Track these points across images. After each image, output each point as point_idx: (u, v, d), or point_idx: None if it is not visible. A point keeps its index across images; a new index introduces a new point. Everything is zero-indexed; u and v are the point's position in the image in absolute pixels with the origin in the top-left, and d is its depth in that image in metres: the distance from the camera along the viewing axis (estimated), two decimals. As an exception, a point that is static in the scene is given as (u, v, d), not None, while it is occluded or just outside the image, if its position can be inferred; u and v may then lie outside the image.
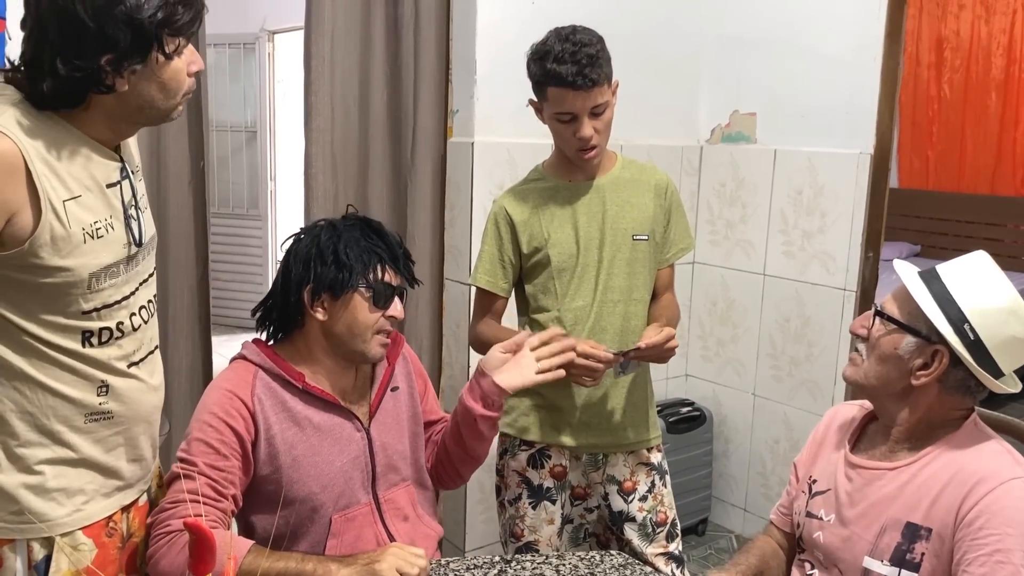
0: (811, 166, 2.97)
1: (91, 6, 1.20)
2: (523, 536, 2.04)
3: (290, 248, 1.63)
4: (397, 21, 2.70)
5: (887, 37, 2.75)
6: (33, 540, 1.33)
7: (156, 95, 1.31)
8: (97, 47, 1.22)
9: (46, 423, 1.32)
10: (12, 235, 1.22)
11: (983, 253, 1.41)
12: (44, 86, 1.24)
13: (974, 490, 1.31)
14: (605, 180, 2.00)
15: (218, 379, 1.59)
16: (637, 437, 2.05)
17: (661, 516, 2.06)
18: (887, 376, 1.43)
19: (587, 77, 1.79)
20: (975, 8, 5.57)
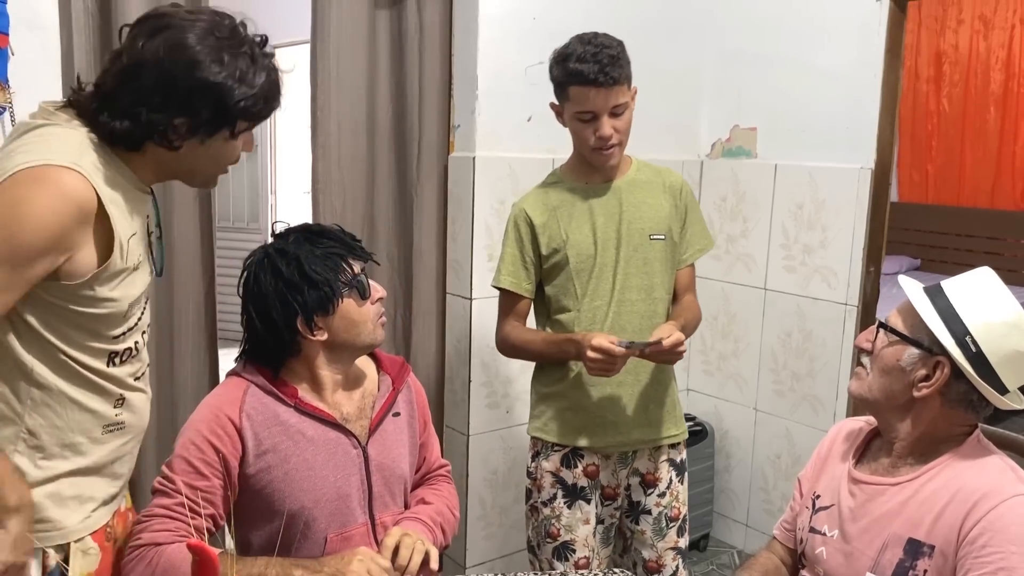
0: (812, 181, 2.98)
1: (187, 72, 1.27)
2: (559, 536, 2.08)
3: (250, 290, 1.56)
4: (402, 37, 2.71)
5: (887, 52, 2.76)
6: (48, 547, 1.38)
7: (207, 164, 1.41)
8: (178, 108, 1.29)
9: (70, 436, 1.38)
10: (71, 270, 1.27)
11: (988, 269, 1.42)
12: (117, 125, 1.29)
13: (977, 507, 1.31)
14: (621, 182, 2.06)
15: (209, 396, 1.60)
16: (664, 433, 2.12)
17: (675, 511, 2.15)
18: (890, 388, 1.43)
19: (608, 75, 1.87)
20: (973, 23, 5.59)
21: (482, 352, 2.86)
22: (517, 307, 2.09)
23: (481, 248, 2.79)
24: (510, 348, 2.10)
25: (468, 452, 2.90)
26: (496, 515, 3.00)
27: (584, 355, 1.87)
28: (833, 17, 2.89)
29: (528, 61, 2.80)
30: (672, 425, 2.13)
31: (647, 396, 2.08)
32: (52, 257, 1.25)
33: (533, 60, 2.80)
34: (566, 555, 2.09)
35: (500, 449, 2.97)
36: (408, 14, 2.69)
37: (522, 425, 2.76)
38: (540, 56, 2.80)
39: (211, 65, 1.29)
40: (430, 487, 1.80)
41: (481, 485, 2.95)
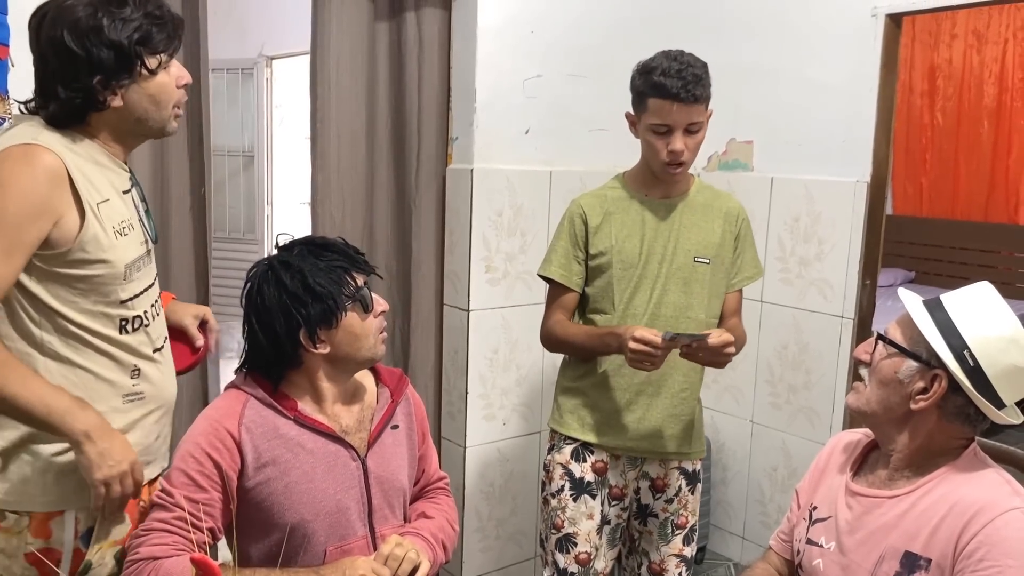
0: (808, 194, 2.99)
1: (77, 35, 1.41)
2: (563, 528, 2.12)
3: (253, 303, 1.56)
4: (401, 48, 2.72)
5: (883, 66, 2.78)
6: (79, 512, 1.50)
7: (149, 107, 1.50)
8: (88, 70, 1.42)
9: (92, 406, 1.47)
10: (60, 236, 1.41)
11: (987, 284, 1.43)
12: (51, 109, 1.44)
13: (973, 520, 1.31)
14: (679, 200, 2.11)
15: (208, 408, 1.59)
16: (676, 449, 2.13)
17: (682, 520, 2.17)
18: (887, 400, 1.44)
19: (691, 92, 1.93)
20: (967, 37, 5.64)
21: (479, 364, 2.86)
22: (564, 300, 2.11)
23: (478, 260, 2.79)
24: (553, 341, 2.12)
25: (465, 464, 2.90)
26: (493, 527, 3.00)
27: (625, 347, 1.86)
28: (829, 32, 2.91)
29: (526, 74, 2.81)
30: (683, 442, 2.14)
31: (665, 410, 2.10)
32: (40, 223, 1.38)
33: (531, 73, 2.82)
34: (568, 547, 2.12)
35: (497, 461, 2.96)
36: (407, 26, 2.71)
37: (519, 437, 2.77)
38: (538, 69, 2.83)
39: (88, 19, 1.41)
40: (430, 500, 1.79)
41: (478, 497, 2.95)
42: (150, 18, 1.46)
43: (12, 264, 1.38)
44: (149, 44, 1.46)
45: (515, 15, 2.76)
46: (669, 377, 2.08)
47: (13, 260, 1.38)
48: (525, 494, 3.04)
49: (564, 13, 2.87)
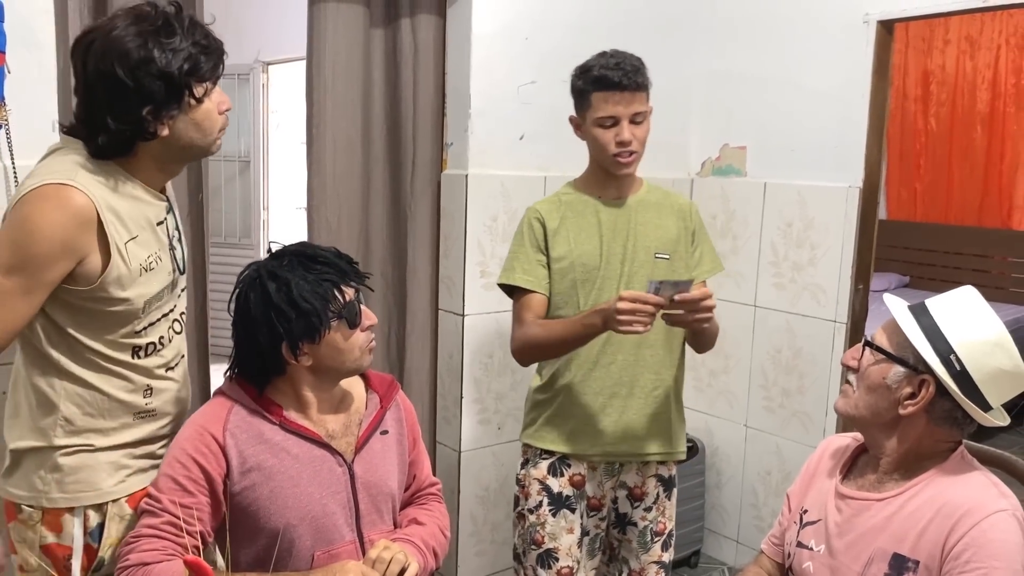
0: (801, 199, 3.01)
1: (128, 67, 1.41)
2: (544, 543, 2.11)
3: (240, 309, 1.57)
4: (396, 55, 2.74)
5: (874, 73, 2.80)
6: (89, 508, 1.56)
7: (194, 135, 1.53)
8: (138, 101, 1.43)
9: (103, 423, 1.56)
10: (83, 274, 1.45)
11: (971, 288, 1.44)
12: (100, 140, 1.45)
13: (960, 523, 1.33)
14: (632, 200, 2.12)
15: (194, 415, 1.60)
16: (651, 449, 2.13)
17: (661, 526, 2.18)
18: (876, 406, 1.45)
19: (632, 79, 1.97)
20: (960, 43, 5.67)
21: (474, 368, 2.87)
22: (534, 305, 2.07)
23: (473, 265, 2.80)
24: (532, 344, 2.04)
25: (460, 469, 2.90)
26: (488, 531, 3.00)
27: (612, 317, 1.80)
28: (822, 38, 2.93)
29: (520, 80, 2.83)
30: (662, 443, 2.14)
31: (640, 410, 2.10)
32: (64, 263, 1.42)
33: (525, 79, 2.83)
34: (549, 563, 2.11)
35: (492, 465, 2.97)
36: (402, 32, 2.72)
37: (514, 442, 2.77)
38: (532, 75, 2.84)
39: (138, 51, 1.42)
40: (421, 507, 1.80)
41: (473, 502, 2.96)
42: (198, 47, 1.48)
43: (32, 302, 1.44)
44: (197, 73, 1.48)
45: (509, 22, 2.78)
46: (640, 376, 2.08)
47: (33, 298, 1.43)
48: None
49: (558, 20, 2.89)
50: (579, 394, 2.08)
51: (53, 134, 2.03)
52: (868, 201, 2.87)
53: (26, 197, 1.43)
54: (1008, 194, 5.60)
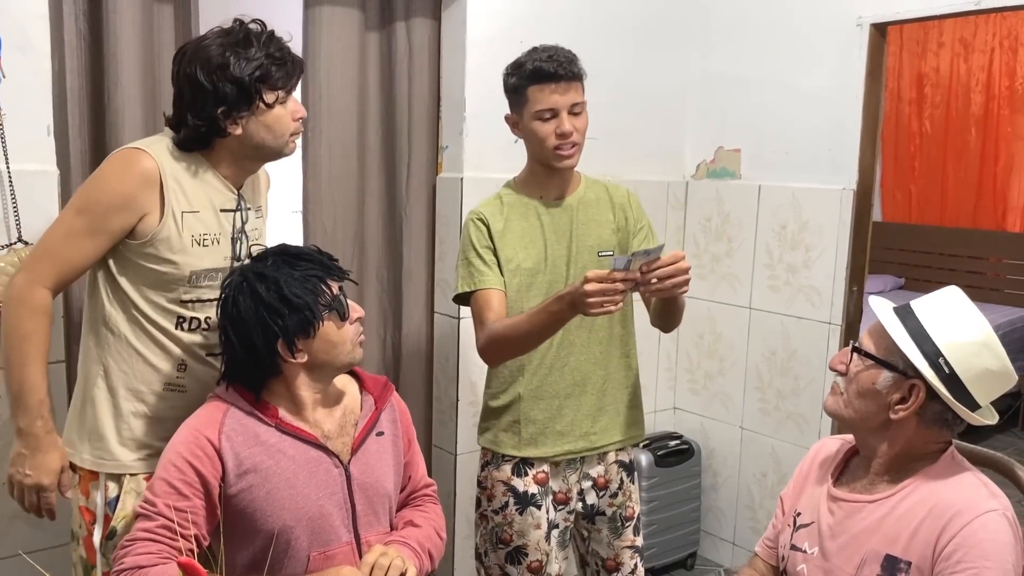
0: (795, 201, 3.02)
1: (207, 71, 1.62)
2: (512, 541, 2.11)
3: (229, 313, 1.58)
4: (391, 58, 2.74)
5: (868, 75, 2.81)
6: (109, 479, 1.71)
7: (266, 136, 1.70)
8: (213, 102, 1.63)
9: (134, 383, 1.71)
10: (142, 230, 1.64)
11: (956, 288, 1.45)
12: (182, 133, 1.67)
13: (951, 523, 1.34)
14: (572, 200, 2.10)
15: (189, 419, 1.60)
16: (609, 440, 2.14)
17: (629, 511, 2.20)
18: (866, 410, 1.46)
19: (568, 70, 1.95)
20: (954, 46, 5.69)
21: (469, 371, 2.87)
22: (494, 302, 1.99)
23: (469, 268, 2.80)
24: (496, 343, 1.95)
25: (456, 471, 2.91)
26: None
27: (581, 301, 1.71)
28: (815, 41, 2.94)
29: (515, 84, 2.83)
30: (617, 432, 2.14)
31: (592, 406, 2.10)
32: (124, 215, 1.62)
33: (520, 83, 2.84)
34: (519, 559, 2.12)
35: (487, 468, 2.97)
36: (397, 36, 2.73)
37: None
38: (527, 79, 2.85)
39: (217, 57, 1.63)
40: (417, 508, 1.80)
41: (468, 504, 2.95)
42: (271, 58, 1.66)
43: (95, 244, 1.62)
44: (268, 81, 1.66)
45: (504, 25, 2.78)
46: (591, 374, 2.08)
47: (96, 241, 1.62)
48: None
49: (553, 23, 2.89)
50: (535, 400, 2.07)
51: (48, 138, 2.04)
52: (862, 203, 2.88)
53: (108, 157, 1.68)
54: (1002, 196, 5.62)
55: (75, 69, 2.20)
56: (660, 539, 3.25)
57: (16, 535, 2.07)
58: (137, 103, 2.25)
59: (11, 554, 2.05)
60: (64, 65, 2.17)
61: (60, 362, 2.10)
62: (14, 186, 1.97)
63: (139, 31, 2.24)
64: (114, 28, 2.19)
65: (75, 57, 2.19)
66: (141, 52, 2.25)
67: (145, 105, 2.28)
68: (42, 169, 2.03)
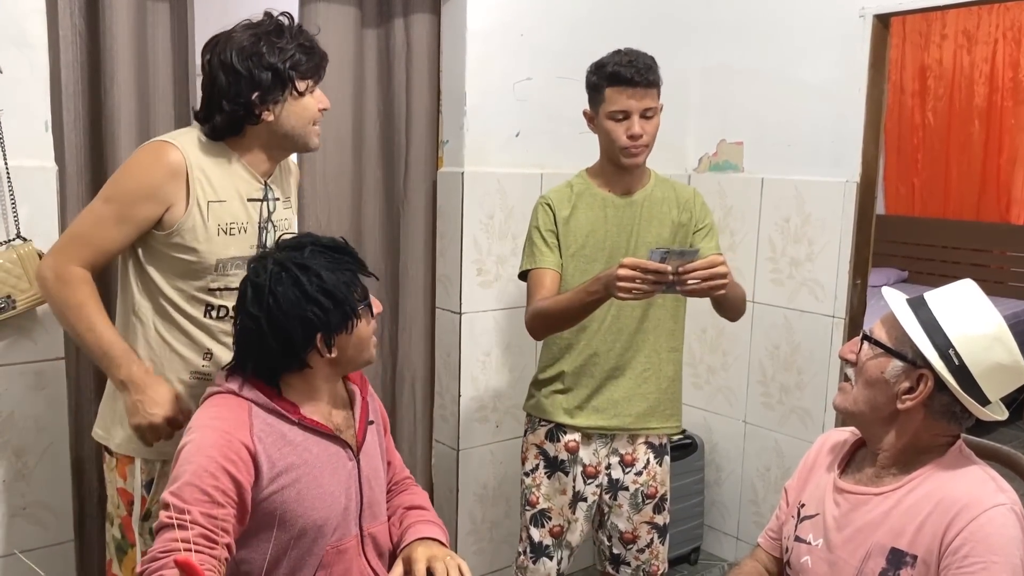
0: (798, 194, 3.01)
1: (242, 58, 1.69)
2: (538, 504, 2.27)
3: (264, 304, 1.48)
4: (389, 54, 2.73)
5: (871, 67, 2.79)
6: (144, 462, 1.76)
7: (296, 124, 1.77)
8: (248, 87, 1.69)
9: (162, 370, 1.76)
10: (168, 221, 1.69)
11: (970, 281, 1.43)
12: (216, 120, 1.71)
13: (958, 517, 1.32)
14: (639, 196, 2.22)
15: (208, 418, 1.50)
16: (641, 425, 2.25)
17: (652, 490, 2.29)
18: (874, 400, 1.45)
19: (644, 76, 2.07)
20: (957, 38, 5.66)
21: (472, 366, 2.87)
22: (545, 280, 2.15)
23: (470, 263, 2.80)
24: (540, 317, 2.11)
25: (458, 467, 2.90)
26: (487, 530, 3.00)
27: (612, 284, 1.84)
28: (817, 33, 2.92)
29: (516, 77, 2.82)
30: (651, 420, 2.25)
31: (629, 389, 2.22)
32: (151, 205, 1.67)
33: (521, 76, 2.83)
34: (542, 522, 2.27)
35: (490, 464, 2.97)
36: (395, 32, 2.71)
37: (512, 439, 2.77)
38: (528, 72, 2.84)
39: (252, 46, 1.69)
40: (411, 493, 1.79)
41: (471, 500, 2.95)
42: (301, 48, 1.74)
43: (122, 231, 1.67)
44: (299, 69, 1.74)
45: (504, 19, 2.77)
46: (634, 359, 2.21)
47: (122, 228, 1.67)
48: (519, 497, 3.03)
49: (553, 16, 2.88)
50: (577, 377, 2.21)
51: (46, 134, 2.03)
52: (865, 196, 2.86)
53: (138, 149, 1.74)
54: (1006, 188, 5.60)
55: (71, 64, 2.19)
56: (664, 534, 3.24)
57: (14, 534, 2.06)
58: (133, 98, 2.25)
59: (7, 553, 2.05)
60: (59, 60, 2.16)
61: (60, 359, 2.09)
62: (12, 182, 1.96)
63: (135, 26, 2.23)
64: (110, 23, 2.18)
65: (71, 52, 2.18)
66: (137, 47, 2.24)
67: (140, 100, 2.27)
68: (40, 165, 2.02)
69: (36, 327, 2.04)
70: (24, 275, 1.94)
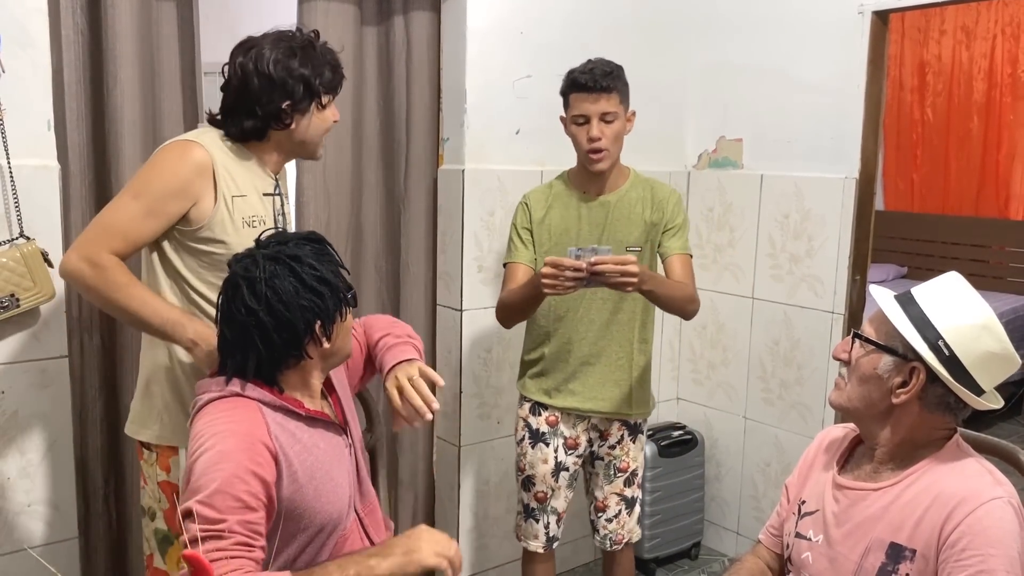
0: (797, 191, 3.01)
1: (280, 68, 1.78)
2: (525, 470, 2.45)
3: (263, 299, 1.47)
4: (389, 52, 2.74)
5: (870, 63, 2.80)
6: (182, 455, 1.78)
7: (314, 134, 1.88)
8: (281, 95, 1.79)
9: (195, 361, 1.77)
10: (196, 216, 1.75)
11: (956, 274, 1.45)
12: (246, 124, 1.80)
13: (956, 511, 1.33)
14: (612, 197, 2.33)
15: (223, 423, 1.45)
16: (614, 409, 2.38)
17: (624, 464, 2.43)
18: (869, 397, 1.46)
19: (599, 83, 2.19)
20: (956, 33, 5.66)
21: (473, 363, 2.88)
22: (517, 275, 2.32)
23: (471, 260, 2.81)
24: (500, 307, 2.35)
25: (460, 463, 2.91)
26: (488, 526, 3.01)
27: (537, 279, 2.06)
28: (816, 29, 2.93)
29: (516, 74, 2.83)
30: (623, 405, 2.37)
31: (603, 376, 2.36)
32: (179, 201, 1.73)
33: (521, 73, 2.83)
34: (529, 487, 2.45)
35: (491, 460, 2.98)
36: (395, 29, 2.72)
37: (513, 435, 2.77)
38: (528, 70, 2.84)
39: (289, 60, 1.79)
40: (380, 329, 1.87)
41: (472, 496, 2.96)
42: (329, 65, 1.85)
43: (150, 225, 1.72)
44: (326, 84, 1.84)
45: (504, 16, 2.77)
46: (606, 348, 2.35)
47: (151, 222, 1.72)
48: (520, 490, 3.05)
49: (553, 14, 2.88)
50: (555, 362, 2.38)
51: (48, 133, 2.04)
52: (865, 192, 2.87)
53: (161, 149, 1.78)
54: (1005, 183, 5.60)
55: (73, 64, 2.20)
56: (664, 529, 3.25)
57: (22, 529, 2.07)
58: (136, 97, 2.25)
59: (17, 549, 2.06)
60: (62, 60, 2.17)
61: (63, 357, 2.10)
62: (15, 181, 1.97)
63: (137, 25, 2.23)
64: (112, 22, 2.18)
65: (73, 51, 2.19)
66: (140, 46, 2.25)
67: (144, 99, 2.28)
68: (43, 164, 2.03)
69: (40, 325, 2.05)
70: (27, 274, 1.94)
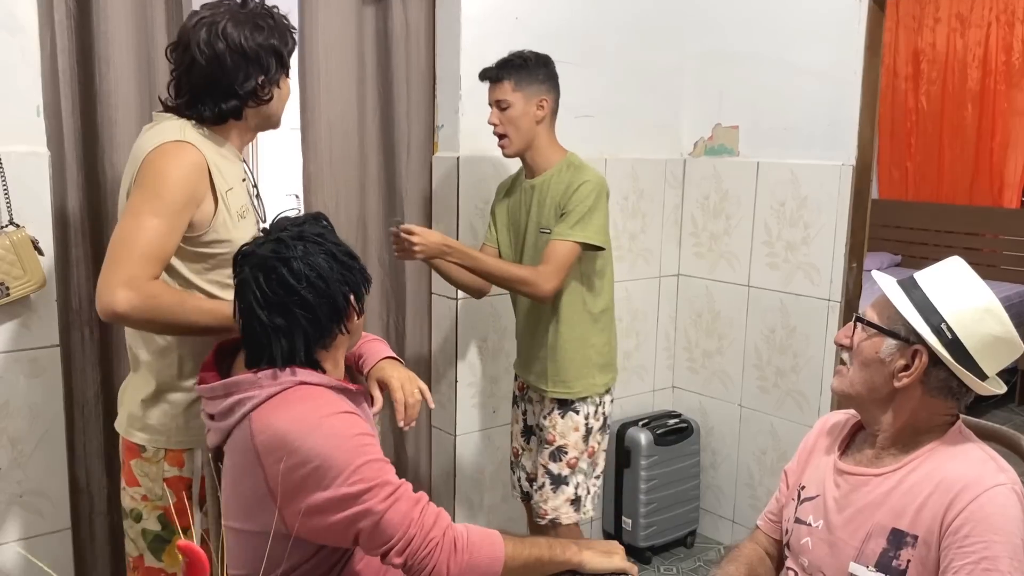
0: (793, 178, 3.00)
1: (252, 43, 1.69)
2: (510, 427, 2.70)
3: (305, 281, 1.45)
4: (387, 36, 2.70)
5: (867, 50, 2.78)
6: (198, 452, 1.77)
7: (280, 105, 1.82)
8: (256, 70, 1.72)
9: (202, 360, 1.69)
10: (199, 220, 1.68)
11: (958, 259, 1.45)
12: (223, 106, 1.71)
13: (959, 497, 1.33)
14: (538, 181, 2.41)
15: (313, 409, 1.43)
16: (536, 382, 2.49)
17: (550, 436, 2.47)
18: (871, 381, 1.45)
19: (490, 72, 2.34)
20: (950, 21, 5.65)
21: (468, 352, 2.86)
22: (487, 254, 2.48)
23: (466, 248, 2.78)
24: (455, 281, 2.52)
25: (455, 452, 2.90)
26: (484, 515, 3.00)
27: None
28: (813, 16, 2.91)
29: (511, 61, 2.80)
30: (544, 380, 2.45)
31: (533, 353, 2.48)
32: (190, 208, 1.66)
33: (516, 60, 2.81)
34: (510, 441, 2.71)
35: (487, 449, 2.97)
36: (393, 14, 2.69)
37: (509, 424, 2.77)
38: (523, 56, 2.81)
39: (256, 33, 1.70)
40: None
41: (469, 485, 2.95)
42: (288, 31, 1.78)
43: (173, 240, 1.66)
44: (289, 51, 1.79)
45: (500, 2, 2.75)
46: (536, 327, 2.47)
47: (174, 237, 1.65)
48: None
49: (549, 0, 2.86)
50: (518, 335, 2.59)
51: (38, 119, 2.01)
52: (861, 179, 2.86)
53: (154, 154, 1.65)
54: (999, 172, 5.61)
55: (66, 49, 2.16)
56: (660, 518, 3.25)
57: (11, 522, 2.06)
58: (130, 82, 2.23)
59: (7, 540, 2.04)
60: (55, 45, 2.14)
61: (55, 346, 2.08)
62: (4, 168, 1.94)
63: (130, 8, 2.20)
64: (103, 5, 2.15)
65: (65, 36, 2.16)
66: (133, 30, 2.22)
67: (139, 83, 2.25)
68: (32, 151, 2.00)
69: (30, 314, 2.03)
70: (17, 261, 1.92)
